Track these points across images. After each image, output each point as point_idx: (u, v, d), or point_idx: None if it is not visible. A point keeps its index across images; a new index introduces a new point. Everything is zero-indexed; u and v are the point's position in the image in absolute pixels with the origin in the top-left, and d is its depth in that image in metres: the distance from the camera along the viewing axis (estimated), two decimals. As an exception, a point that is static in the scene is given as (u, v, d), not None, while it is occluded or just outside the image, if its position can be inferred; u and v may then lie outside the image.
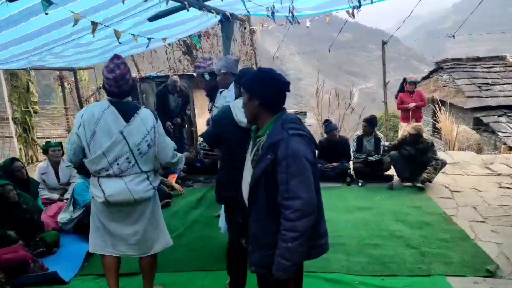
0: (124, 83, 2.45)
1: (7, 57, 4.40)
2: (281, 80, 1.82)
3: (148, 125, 2.46)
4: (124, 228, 2.57)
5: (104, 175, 2.45)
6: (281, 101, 1.85)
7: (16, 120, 7.44)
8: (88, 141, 2.42)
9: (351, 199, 4.95)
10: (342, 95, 13.01)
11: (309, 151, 1.74)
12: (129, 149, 2.41)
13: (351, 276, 3.10)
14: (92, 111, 2.45)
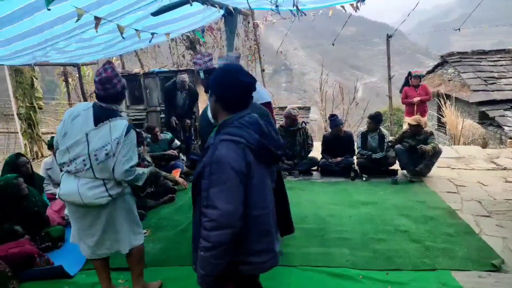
0: (111, 87, 2.48)
1: (11, 53, 4.39)
2: (241, 80, 1.70)
3: (114, 135, 2.41)
4: (82, 229, 2.59)
5: (65, 170, 2.50)
6: (240, 101, 1.74)
7: (21, 115, 7.48)
8: (61, 137, 2.48)
9: (355, 194, 4.94)
10: (346, 89, 12.97)
11: (239, 159, 1.60)
12: (87, 152, 2.40)
13: (355, 271, 3.09)
14: (73, 110, 2.53)
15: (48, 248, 3.59)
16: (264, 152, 1.68)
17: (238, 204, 1.59)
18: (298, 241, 3.63)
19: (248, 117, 1.73)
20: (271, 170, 1.83)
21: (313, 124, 14.42)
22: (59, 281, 3.10)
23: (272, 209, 1.78)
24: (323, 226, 3.96)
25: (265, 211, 1.70)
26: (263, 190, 1.69)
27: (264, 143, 1.67)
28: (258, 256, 1.70)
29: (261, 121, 1.74)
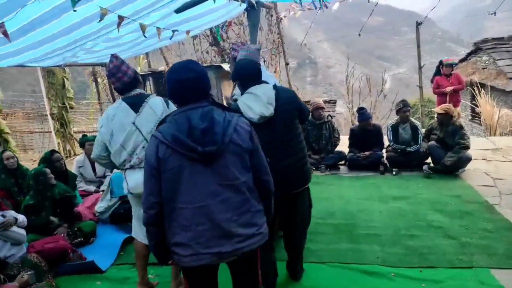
0: (122, 75, 2.54)
1: (42, 55, 4.54)
2: (172, 78, 1.76)
3: (158, 111, 2.52)
4: None
5: (128, 167, 2.55)
6: (176, 97, 1.80)
7: (54, 115, 7.76)
8: (109, 140, 2.54)
9: (385, 188, 4.79)
10: (373, 81, 12.63)
11: (151, 154, 1.71)
12: (143, 138, 2.50)
13: (386, 268, 2.99)
14: (107, 113, 2.59)
15: (80, 243, 3.69)
16: (180, 147, 1.66)
17: (148, 194, 1.73)
18: (327, 237, 3.56)
19: (184, 112, 1.73)
20: (221, 166, 1.70)
21: (340, 118, 14.17)
22: (91, 276, 3.17)
23: (202, 207, 1.69)
24: (352, 221, 3.86)
25: (184, 206, 1.69)
26: (179, 184, 1.69)
27: (178, 137, 1.66)
28: (178, 247, 1.73)
29: (198, 115, 1.70)
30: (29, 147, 10.08)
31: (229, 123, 1.72)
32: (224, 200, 1.70)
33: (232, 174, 1.71)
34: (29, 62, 4.93)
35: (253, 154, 1.79)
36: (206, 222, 1.68)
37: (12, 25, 2.89)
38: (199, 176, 1.68)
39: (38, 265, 2.94)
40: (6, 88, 20.10)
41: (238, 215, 1.72)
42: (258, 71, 2.58)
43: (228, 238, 1.70)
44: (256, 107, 2.41)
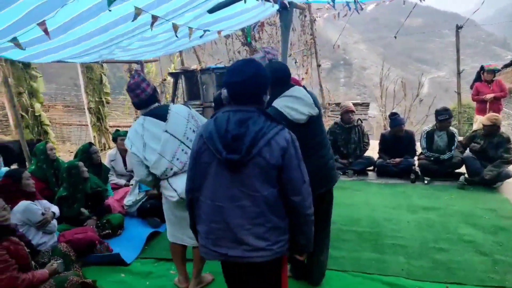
0: (141, 92, 2.62)
1: (80, 51, 4.74)
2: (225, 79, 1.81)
3: (185, 115, 2.63)
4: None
5: (171, 175, 2.57)
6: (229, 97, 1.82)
7: (91, 109, 8.09)
8: (143, 153, 2.56)
9: (415, 198, 4.62)
10: (410, 84, 12.21)
11: (195, 144, 1.84)
12: (179, 142, 2.56)
13: (411, 281, 2.89)
14: (135, 129, 2.62)
15: (108, 235, 3.82)
16: (212, 147, 1.72)
17: (188, 179, 1.86)
18: (350, 244, 3.49)
19: (227, 112, 1.76)
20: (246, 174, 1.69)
21: (372, 121, 13.81)
22: (116, 267, 3.28)
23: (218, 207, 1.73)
24: (377, 230, 3.76)
25: (204, 199, 1.78)
26: (205, 178, 1.77)
27: (211, 136, 1.72)
28: (198, 235, 1.87)
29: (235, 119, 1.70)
30: (67, 139, 10.58)
31: (264, 136, 1.66)
32: (241, 206, 1.70)
33: (253, 186, 1.69)
34: (69, 58, 5.16)
35: (282, 171, 1.71)
36: (221, 222, 1.73)
37: (53, 23, 3.03)
38: (222, 177, 1.72)
39: (67, 255, 3.07)
40: (50, 81, 21.11)
41: (252, 225, 1.71)
42: (289, 73, 2.63)
43: (237, 243, 1.72)
44: (303, 108, 2.47)
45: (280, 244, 1.76)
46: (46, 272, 2.76)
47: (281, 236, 1.76)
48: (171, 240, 2.84)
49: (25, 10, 2.77)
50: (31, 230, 3.20)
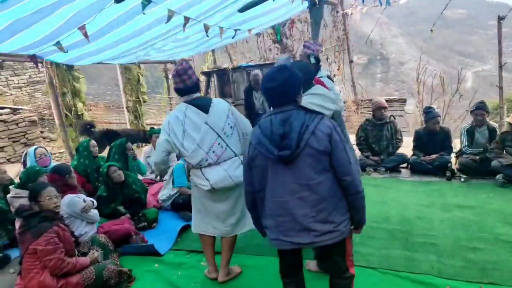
0: (187, 78, 2.67)
1: (118, 53, 5.00)
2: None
3: (225, 110, 2.71)
4: (224, 210, 2.82)
5: (206, 165, 2.66)
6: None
7: (129, 108, 8.45)
8: (181, 141, 2.65)
9: (450, 196, 4.47)
10: (452, 79, 11.65)
11: (246, 151, 2.05)
12: (217, 135, 2.64)
13: (442, 280, 2.81)
14: (175, 115, 2.70)
15: (144, 228, 4.02)
16: (263, 149, 1.91)
17: (246, 183, 2.07)
18: (379, 242, 3.45)
19: (269, 116, 1.96)
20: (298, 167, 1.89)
21: (409, 118, 13.35)
22: (150, 258, 3.45)
23: (282, 202, 1.93)
24: (408, 228, 3.68)
25: (269, 198, 1.97)
26: (265, 179, 1.97)
27: (260, 140, 1.92)
28: (267, 230, 2.06)
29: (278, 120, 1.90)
30: (108, 136, 11.09)
31: (307, 128, 1.85)
32: (301, 197, 1.90)
33: (308, 175, 1.88)
34: (107, 60, 5.45)
35: (331, 156, 1.89)
36: (286, 215, 1.93)
37: (92, 28, 3.24)
38: (279, 174, 1.92)
39: (105, 245, 3.27)
40: (92, 81, 22.15)
41: (316, 212, 1.90)
42: (312, 73, 2.74)
43: (306, 231, 1.92)
44: (328, 104, 2.56)
45: (345, 223, 1.97)
46: (88, 260, 2.97)
47: (344, 215, 1.97)
48: (194, 231, 2.97)
49: (67, 16, 2.98)
50: (75, 221, 3.44)
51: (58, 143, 9.43)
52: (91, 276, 2.85)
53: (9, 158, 8.39)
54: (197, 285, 3.00)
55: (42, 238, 2.71)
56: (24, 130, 8.73)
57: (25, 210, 2.88)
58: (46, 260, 2.71)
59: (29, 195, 2.94)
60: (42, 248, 2.70)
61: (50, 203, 2.88)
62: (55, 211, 2.91)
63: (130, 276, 3.07)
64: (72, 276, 2.79)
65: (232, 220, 2.84)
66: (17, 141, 8.59)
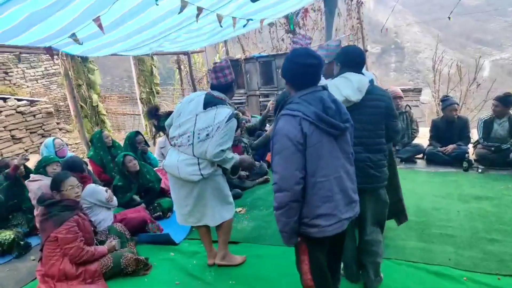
0: (222, 76, 2.81)
1: (132, 45, 5.02)
2: (299, 62, 1.89)
3: (217, 120, 2.68)
4: (178, 199, 2.94)
5: (172, 144, 2.85)
6: (301, 80, 1.92)
7: (143, 99, 8.51)
8: (177, 116, 2.86)
9: (467, 187, 4.40)
10: (468, 68, 11.39)
11: (295, 130, 1.79)
12: (193, 130, 2.72)
13: (458, 271, 2.79)
14: (191, 96, 2.93)
15: (159, 217, 4.09)
16: (323, 123, 1.82)
17: (294, 170, 1.80)
18: (394, 232, 3.42)
19: (312, 94, 1.90)
20: (344, 141, 1.94)
21: (424, 108, 13.12)
22: (165, 247, 3.51)
23: (337, 178, 1.89)
24: (424, 219, 3.65)
25: (325, 179, 1.85)
26: (320, 158, 1.83)
27: (320, 115, 1.81)
28: (321, 219, 1.87)
29: (326, 97, 1.90)
30: (122, 127, 11.25)
31: (344, 106, 1.98)
32: (347, 171, 1.96)
33: (349, 149, 1.99)
34: (121, 52, 5.48)
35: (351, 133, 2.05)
36: (340, 192, 1.91)
37: (106, 19, 3.25)
38: (333, 151, 1.90)
39: (122, 234, 3.34)
40: (106, 73, 22.37)
41: (353, 183, 2.00)
42: (361, 60, 2.55)
43: (351, 204, 1.97)
44: (344, 90, 2.38)
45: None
46: (106, 248, 3.03)
47: None
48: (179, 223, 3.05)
49: (82, 8, 2.99)
50: (94, 209, 3.51)
51: (74, 134, 9.59)
52: (109, 264, 2.92)
53: (27, 149, 8.59)
54: (212, 274, 3.04)
55: (63, 227, 2.78)
56: (41, 121, 8.91)
57: (47, 198, 2.95)
58: (66, 248, 2.78)
59: (51, 184, 3.02)
60: (63, 236, 2.77)
61: (72, 193, 2.95)
62: (76, 201, 2.98)
63: (147, 264, 3.13)
64: (91, 264, 2.87)
65: (184, 211, 2.93)
66: (34, 132, 8.78)
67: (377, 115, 2.45)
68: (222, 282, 2.91)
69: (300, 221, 1.89)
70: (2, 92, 9.53)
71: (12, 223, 3.93)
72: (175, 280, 2.99)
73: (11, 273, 3.34)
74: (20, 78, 12.19)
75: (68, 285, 2.79)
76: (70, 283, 2.80)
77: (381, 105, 2.44)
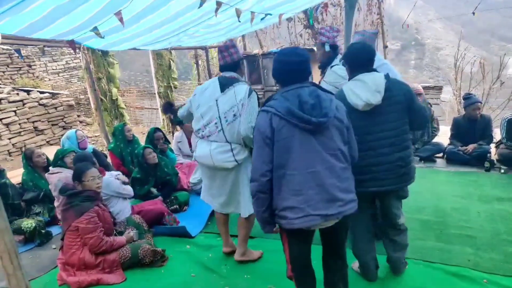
0: (227, 55, 2.79)
1: (152, 39, 5.06)
2: (282, 60, 1.98)
3: (238, 97, 2.69)
4: (213, 186, 2.96)
5: (199, 136, 2.84)
6: (284, 77, 1.99)
7: (160, 94, 8.60)
8: (196, 108, 2.85)
9: (489, 188, 4.29)
10: (492, 66, 11.05)
11: (265, 125, 1.89)
12: (218, 115, 2.72)
13: (478, 273, 2.73)
14: (204, 84, 2.92)
15: (175, 210, 4.14)
16: (294, 118, 1.85)
17: (261, 163, 1.92)
18: (412, 232, 3.32)
19: (293, 90, 1.94)
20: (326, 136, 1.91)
21: (445, 106, 12.82)
22: (182, 239, 3.55)
23: (312, 173, 1.87)
24: (443, 219, 3.58)
25: (296, 172, 1.88)
26: (289, 152, 1.88)
27: (291, 110, 1.85)
28: (288, 211, 1.91)
29: (306, 93, 1.91)
30: (140, 121, 11.40)
31: (331, 101, 1.93)
32: (330, 167, 1.90)
33: (335, 145, 1.93)
34: (142, 46, 5.54)
35: (348, 131, 2.01)
36: (315, 187, 1.88)
37: (127, 13, 3.28)
38: (309, 145, 1.89)
39: (140, 225, 3.40)
40: (125, 67, 22.67)
41: (340, 182, 1.92)
42: (371, 57, 2.44)
43: (332, 202, 1.90)
44: (363, 94, 2.32)
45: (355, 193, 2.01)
46: (124, 239, 3.09)
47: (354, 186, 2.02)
48: (201, 198, 3.12)
49: (104, 2, 3.04)
50: (112, 200, 3.58)
51: (94, 127, 9.78)
52: (127, 255, 2.97)
53: (49, 141, 8.81)
54: (227, 267, 3.06)
55: (83, 217, 2.85)
56: (62, 114, 9.12)
57: (69, 189, 3.03)
58: (87, 238, 2.85)
59: (73, 175, 3.10)
60: (83, 226, 2.84)
61: (93, 184, 3.02)
62: (96, 192, 3.05)
63: (164, 256, 3.18)
64: (110, 254, 2.93)
65: (221, 200, 2.94)
66: (56, 124, 9.00)
67: (399, 111, 2.39)
68: (237, 276, 2.93)
69: (273, 212, 1.99)
70: (26, 85, 9.80)
71: (34, 212, 4.05)
72: (191, 272, 3.03)
73: (34, 260, 3.45)
74: (43, 71, 12.49)
75: (88, 273, 2.87)
76: (89, 271, 2.88)
77: (401, 100, 2.38)
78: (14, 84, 9.90)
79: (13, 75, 10.63)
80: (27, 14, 2.92)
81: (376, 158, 2.38)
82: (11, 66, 10.64)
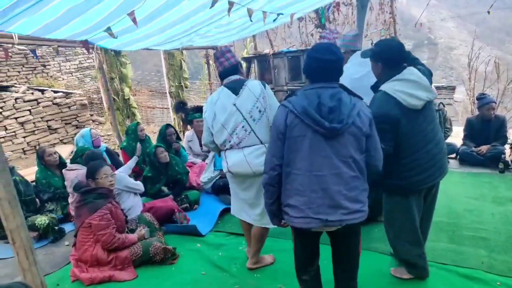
0: (225, 60, 2.73)
1: (164, 39, 5.10)
2: (314, 56, 1.92)
3: (256, 93, 2.61)
4: (247, 198, 2.77)
5: (228, 147, 2.67)
6: (313, 75, 1.94)
7: (172, 93, 8.65)
8: (212, 122, 2.70)
9: (503, 189, 4.22)
10: (508, 65, 10.85)
11: (281, 119, 1.90)
12: (243, 118, 2.59)
13: (492, 275, 2.69)
14: (211, 97, 2.77)
15: (186, 208, 4.17)
16: (308, 118, 1.82)
17: (272, 156, 1.94)
18: (424, 233, 3.33)
19: (317, 89, 1.89)
20: (340, 143, 1.84)
21: (458, 106, 12.64)
22: (192, 237, 3.58)
23: (318, 176, 1.84)
24: (455, 221, 3.53)
25: (300, 172, 1.87)
26: (297, 151, 1.86)
27: (307, 109, 1.82)
28: (290, 209, 1.93)
29: (327, 95, 1.85)
30: (151, 120, 11.51)
31: (354, 106, 1.85)
32: (338, 173, 1.85)
33: (348, 152, 1.86)
34: (154, 46, 5.59)
35: (369, 139, 1.91)
36: (319, 191, 1.85)
37: (140, 13, 3.32)
38: (319, 148, 1.85)
39: (151, 223, 3.43)
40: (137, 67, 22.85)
41: (348, 190, 1.86)
42: (404, 52, 2.40)
43: (335, 208, 1.85)
44: (421, 93, 2.27)
45: (367, 205, 1.95)
46: (136, 236, 3.13)
47: (366, 197, 1.95)
48: (232, 213, 3.00)
49: (118, 2, 3.07)
50: (123, 196, 3.63)
51: (106, 126, 9.91)
52: (138, 252, 3.01)
53: (62, 139, 8.96)
54: (237, 266, 3.08)
55: (96, 214, 2.89)
56: (75, 113, 9.26)
57: (83, 186, 3.08)
58: (99, 234, 2.89)
59: (86, 172, 3.15)
60: (96, 223, 2.88)
61: (106, 181, 3.07)
62: (110, 189, 3.09)
63: (174, 254, 3.20)
64: (122, 251, 2.97)
65: (257, 211, 2.75)
66: (69, 123, 9.14)
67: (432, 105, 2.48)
68: (247, 275, 2.94)
69: (280, 206, 2.01)
70: (40, 85, 9.97)
71: (48, 209, 4.12)
72: (201, 270, 3.05)
73: (47, 256, 3.51)
74: (57, 71, 12.69)
75: (100, 270, 2.91)
76: (101, 268, 2.92)
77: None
78: (29, 84, 10.10)
79: (28, 74, 10.84)
80: (43, 14, 2.97)
81: (429, 153, 2.37)
82: (26, 66, 10.84)
